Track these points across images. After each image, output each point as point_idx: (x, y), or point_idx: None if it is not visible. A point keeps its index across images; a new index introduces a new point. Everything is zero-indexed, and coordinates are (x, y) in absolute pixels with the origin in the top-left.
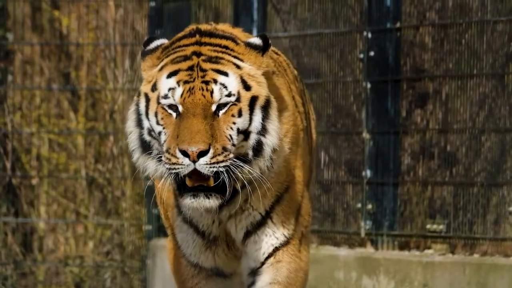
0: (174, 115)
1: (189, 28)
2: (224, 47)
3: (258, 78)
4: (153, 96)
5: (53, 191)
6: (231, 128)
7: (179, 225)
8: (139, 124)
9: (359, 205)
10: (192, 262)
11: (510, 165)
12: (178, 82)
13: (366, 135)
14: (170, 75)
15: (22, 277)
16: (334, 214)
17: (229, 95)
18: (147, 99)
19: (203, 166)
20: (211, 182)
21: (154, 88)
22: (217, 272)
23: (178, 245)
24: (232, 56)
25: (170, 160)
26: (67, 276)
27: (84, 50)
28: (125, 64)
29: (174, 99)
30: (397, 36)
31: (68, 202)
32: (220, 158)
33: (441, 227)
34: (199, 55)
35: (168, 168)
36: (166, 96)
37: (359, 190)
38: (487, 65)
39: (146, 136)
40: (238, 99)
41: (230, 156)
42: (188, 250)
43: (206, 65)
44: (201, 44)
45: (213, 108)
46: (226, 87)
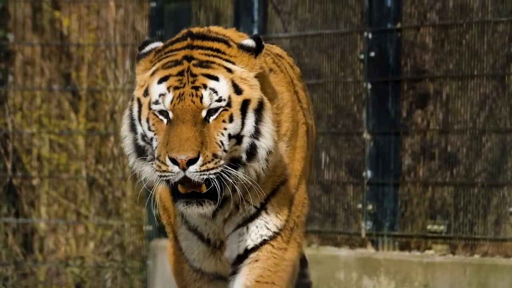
0: (165, 121)
1: (182, 32)
2: (216, 50)
3: (251, 81)
4: (145, 102)
5: (53, 191)
6: (222, 134)
7: (183, 233)
8: (133, 129)
9: (360, 205)
10: (195, 268)
11: (511, 165)
12: (168, 88)
13: (366, 136)
14: (161, 81)
15: (22, 277)
16: (334, 214)
17: (219, 100)
18: (140, 104)
19: (193, 173)
20: (203, 189)
21: (146, 93)
22: (218, 276)
23: (182, 251)
24: (224, 59)
25: (160, 167)
26: (68, 276)
27: (84, 50)
28: (125, 64)
29: (165, 105)
30: (397, 36)
31: (68, 202)
32: (210, 166)
33: (441, 227)
34: (190, 59)
35: (159, 175)
36: (157, 102)
37: (360, 191)
38: (487, 65)
39: (140, 141)
40: (229, 104)
41: (221, 162)
42: (192, 256)
43: (197, 70)
44: (192, 47)
45: (203, 114)
46: (216, 92)
